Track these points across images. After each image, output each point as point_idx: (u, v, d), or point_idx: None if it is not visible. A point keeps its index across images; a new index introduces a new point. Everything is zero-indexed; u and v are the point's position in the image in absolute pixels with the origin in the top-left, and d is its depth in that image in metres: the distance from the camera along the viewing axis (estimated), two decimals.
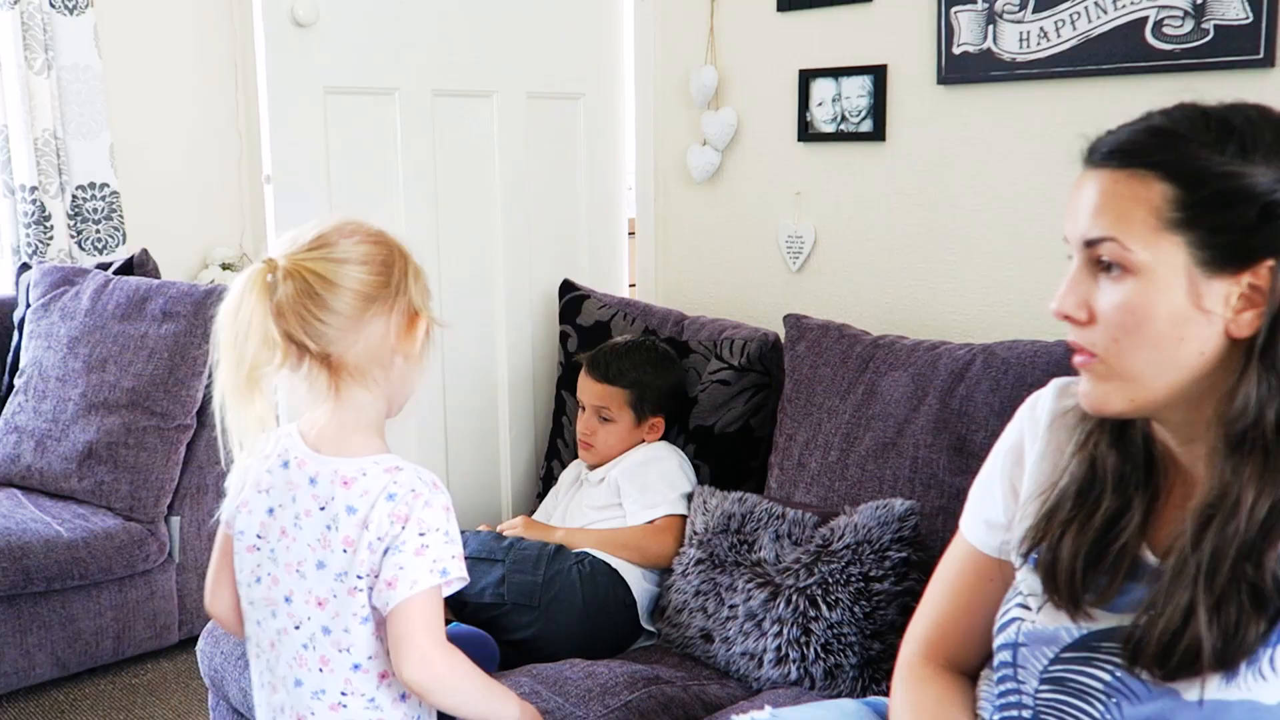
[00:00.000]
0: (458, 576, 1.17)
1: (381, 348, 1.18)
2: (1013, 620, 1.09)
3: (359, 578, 1.15)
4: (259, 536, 1.22)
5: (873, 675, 1.59)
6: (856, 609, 1.60)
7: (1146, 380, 0.97)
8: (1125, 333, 0.96)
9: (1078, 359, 1.01)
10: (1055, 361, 1.63)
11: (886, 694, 1.28)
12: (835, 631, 1.60)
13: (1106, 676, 0.99)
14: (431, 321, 1.23)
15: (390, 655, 1.18)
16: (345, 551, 1.16)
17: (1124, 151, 0.97)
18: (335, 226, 1.18)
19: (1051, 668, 1.04)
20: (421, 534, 1.14)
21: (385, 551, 1.14)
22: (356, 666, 1.19)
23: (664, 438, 2.08)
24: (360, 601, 1.17)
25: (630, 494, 1.96)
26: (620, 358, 2.06)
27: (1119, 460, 1.04)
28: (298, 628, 1.20)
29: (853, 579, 1.61)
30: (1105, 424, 1.05)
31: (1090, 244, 0.97)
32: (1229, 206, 0.92)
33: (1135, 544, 1.02)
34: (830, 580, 1.62)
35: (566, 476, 2.18)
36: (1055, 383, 1.16)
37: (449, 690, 1.18)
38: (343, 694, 1.19)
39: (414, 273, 1.22)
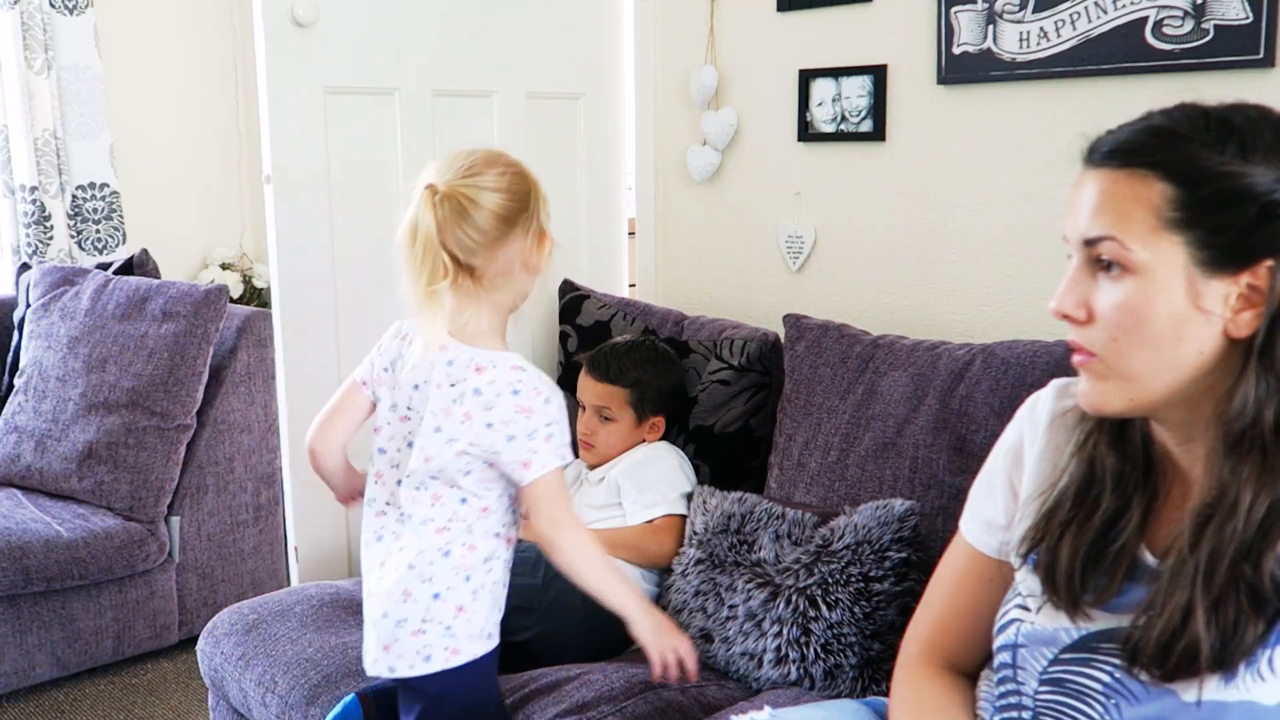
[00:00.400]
0: (571, 458, 1.46)
1: (515, 261, 1.42)
2: (1012, 621, 1.09)
3: (471, 444, 1.39)
4: (409, 409, 1.46)
5: (873, 675, 1.59)
6: (856, 609, 1.59)
7: (1145, 380, 0.96)
8: (1124, 332, 0.96)
9: (1077, 358, 1.01)
10: (1055, 361, 1.63)
11: (886, 694, 1.28)
12: (835, 632, 1.60)
13: (1105, 677, 0.99)
14: (552, 241, 1.47)
15: (530, 513, 1.46)
16: (462, 423, 1.40)
17: (1124, 151, 0.97)
18: (483, 159, 1.40)
19: (1051, 668, 1.04)
20: (549, 424, 1.41)
21: (510, 438, 1.39)
22: (464, 500, 1.43)
23: (664, 438, 2.07)
24: (466, 460, 1.40)
25: (630, 494, 1.96)
26: (620, 357, 2.06)
27: (1118, 460, 1.04)
28: (409, 476, 1.44)
29: (853, 579, 1.61)
30: (1104, 424, 1.05)
31: (1090, 243, 0.97)
32: (1228, 206, 0.92)
33: (1134, 544, 1.02)
34: (830, 580, 1.62)
35: (566, 476, 2.17)
36: (1055, 383, 1.16)
37: (565, 551, 1.43)
38: (449, 519, 1.43)
39: (543, 200, 1.45)
